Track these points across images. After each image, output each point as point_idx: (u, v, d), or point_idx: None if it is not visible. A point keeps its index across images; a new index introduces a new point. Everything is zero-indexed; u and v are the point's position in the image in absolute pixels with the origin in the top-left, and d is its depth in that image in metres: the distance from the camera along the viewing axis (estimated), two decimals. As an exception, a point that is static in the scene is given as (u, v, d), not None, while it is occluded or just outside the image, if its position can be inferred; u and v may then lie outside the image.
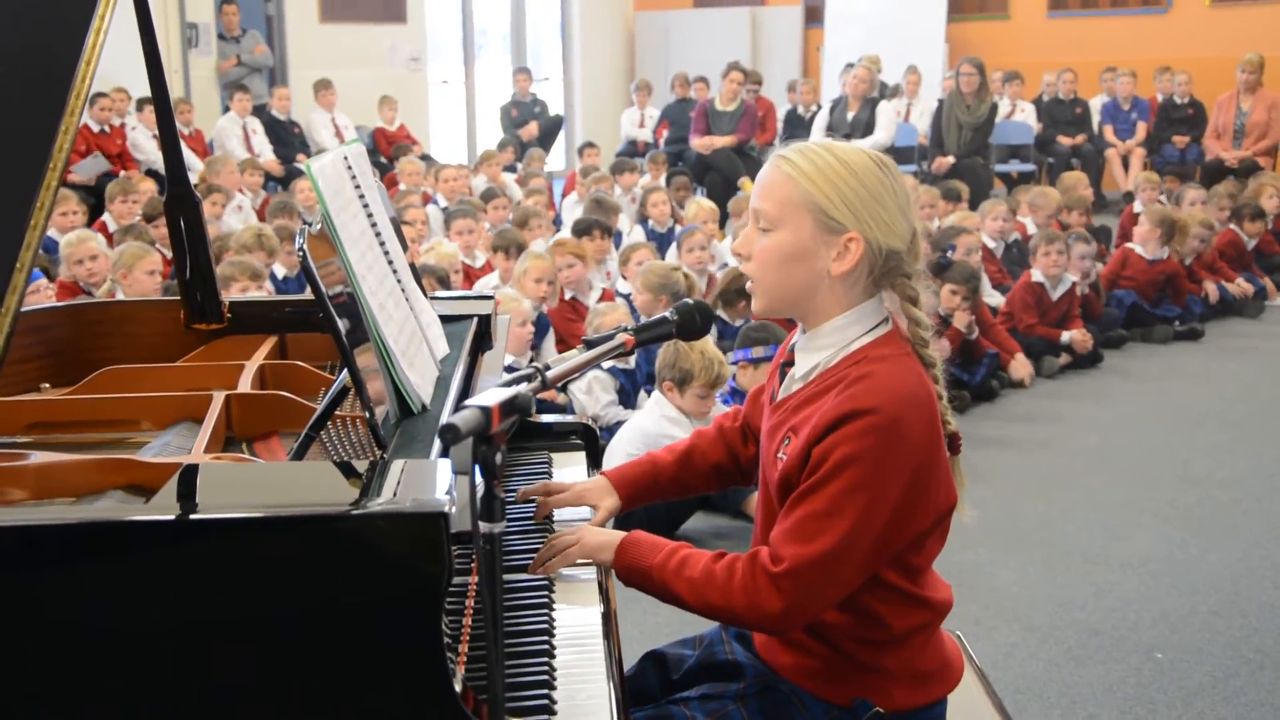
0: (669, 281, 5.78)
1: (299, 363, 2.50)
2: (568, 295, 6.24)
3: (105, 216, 7.97)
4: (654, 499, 2.30)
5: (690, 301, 2.10)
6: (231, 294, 4.05)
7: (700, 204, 8.38)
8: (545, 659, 1.83)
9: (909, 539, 1.87)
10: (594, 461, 2.59)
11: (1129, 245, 8.04)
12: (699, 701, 2.04)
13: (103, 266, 6.02)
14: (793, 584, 1.82)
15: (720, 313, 5.95)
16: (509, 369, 4.57)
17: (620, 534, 2.01)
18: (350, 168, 2.12)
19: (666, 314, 2.07)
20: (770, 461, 1.97)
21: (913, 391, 1.84)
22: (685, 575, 1.90)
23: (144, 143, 10.15)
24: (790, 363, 2.01)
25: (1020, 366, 6.64)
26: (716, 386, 4.63)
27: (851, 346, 1.91)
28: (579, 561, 2.05)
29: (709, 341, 4.69)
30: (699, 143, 11.13)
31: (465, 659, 1.73)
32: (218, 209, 8.13)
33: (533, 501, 2.27)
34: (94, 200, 8.92)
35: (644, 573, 1.95)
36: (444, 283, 5.94)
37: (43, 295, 5.50)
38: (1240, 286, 8.37)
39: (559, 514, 2.29)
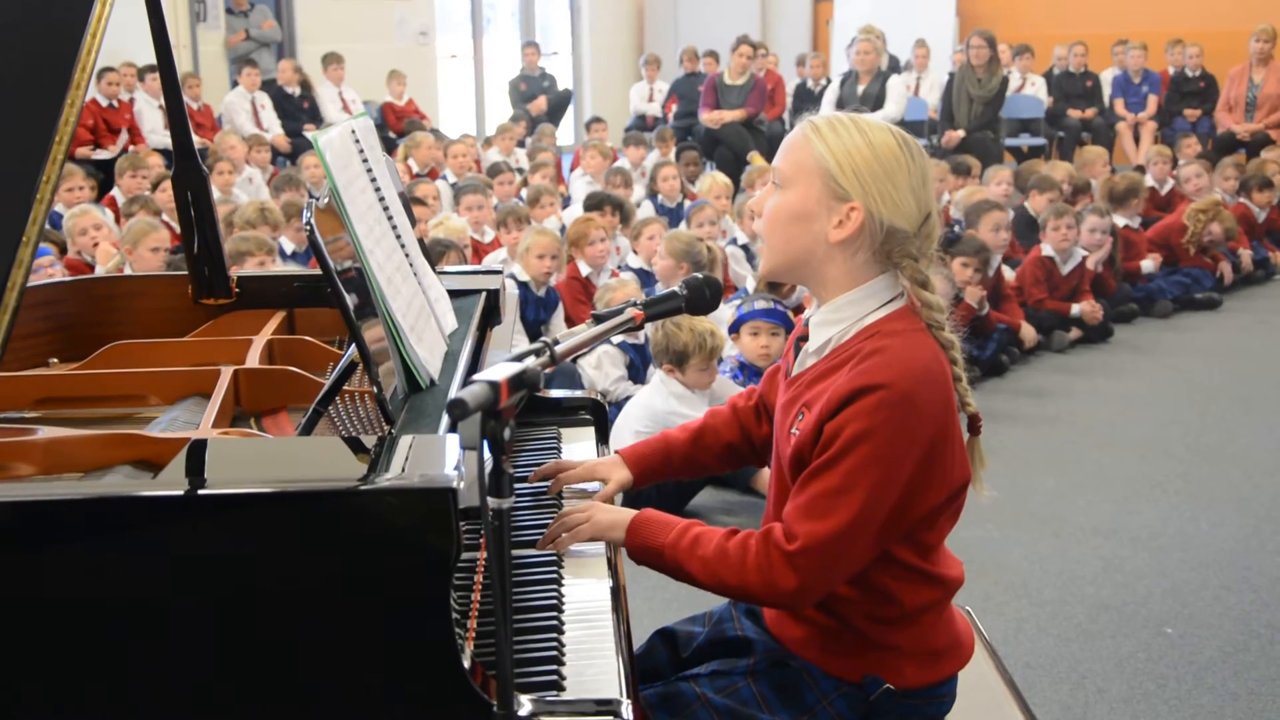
0: (692, 250, 5.77)
1: (307, 338, 2.50)
2: (584, 272, 6.18)
3: (114, 191, 7.97)
4: (666, 477, 2.30)
5: (700, 276, 2.08)
6: (246, 269, 4.04)
7: (715, 178, 8.35)
8: (554, 634, 1.82)
9: (922, 514, 1.87)
10: (603, 437, 2.58)
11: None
12: (709, 678, 2.03)
13: (106, 237, 6.02)
14: (807, 561, 1.82)
15: None
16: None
17: (631, 512, 2.00)
18: (358, 141, 2.11)
19: (676, 288, 2.06)
20: (784, 437, 1.96)
21: (926, 366, 1.83)
22: (698, 554, 1.90)
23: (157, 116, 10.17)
24: (805, 337, 2.00)
25: (1025, 331, 6.64)
26: (714, 356, 4.60)
27: (865, 321, 1.90)
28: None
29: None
30: (708, 117, 11.09)
31: (474, 635, 1.73)
32: (225, 177, 8.12)
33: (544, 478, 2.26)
34: (102, 175, 8.93)
35: (656, 552, 1.94)
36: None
37: (52, 273, 5.48)
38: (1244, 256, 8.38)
39: (568, 488, 2.29)
